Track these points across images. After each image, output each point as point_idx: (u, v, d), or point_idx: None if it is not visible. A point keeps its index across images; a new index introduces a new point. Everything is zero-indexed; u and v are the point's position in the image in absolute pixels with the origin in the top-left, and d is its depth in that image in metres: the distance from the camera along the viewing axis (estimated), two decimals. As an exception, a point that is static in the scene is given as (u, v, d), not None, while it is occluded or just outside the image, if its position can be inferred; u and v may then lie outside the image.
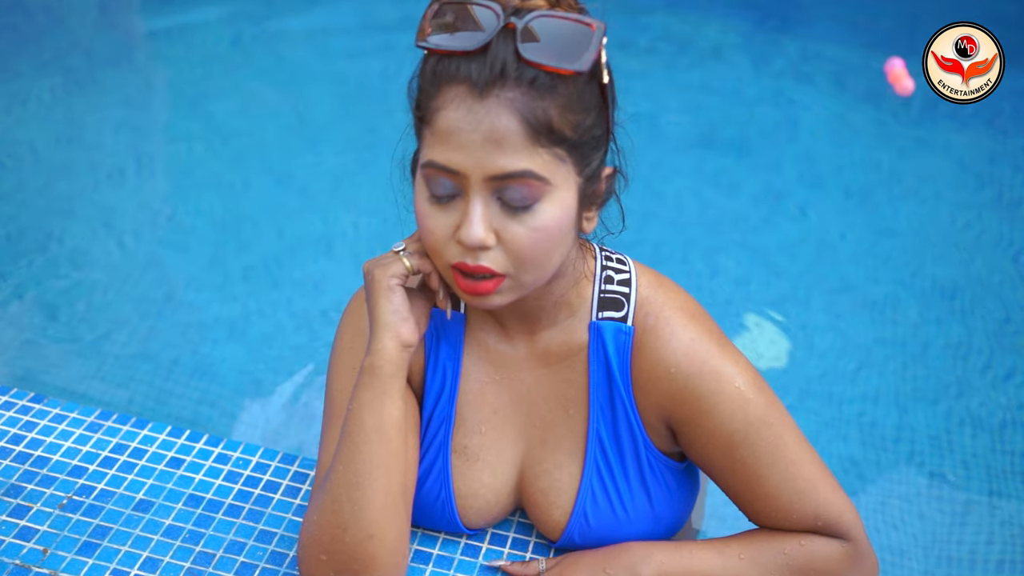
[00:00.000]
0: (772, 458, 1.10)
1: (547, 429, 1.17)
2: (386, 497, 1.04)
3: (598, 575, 1.13)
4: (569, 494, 1.16)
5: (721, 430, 1.09)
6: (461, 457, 1.18)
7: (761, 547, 1.12)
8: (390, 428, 1.05)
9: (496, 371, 1.18)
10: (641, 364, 1.12)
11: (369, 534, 1.03)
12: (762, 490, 1.11)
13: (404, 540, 1.07)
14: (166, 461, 1.35)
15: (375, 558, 1.03)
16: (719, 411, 1.09)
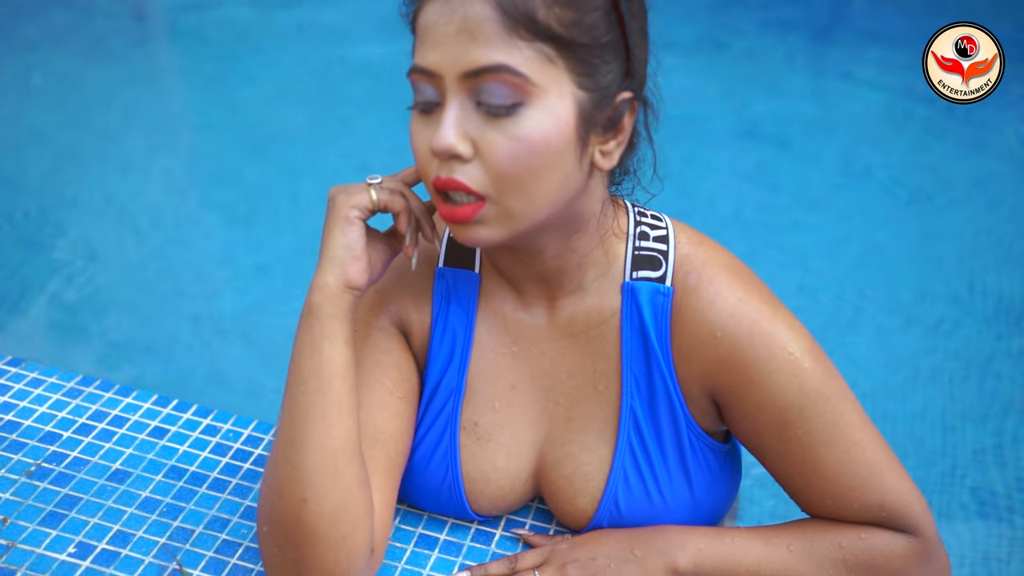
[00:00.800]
0: (830, 437, 0.95)
1: (572, 407, 1.03)
2: (323, 454, 0.89)
3: (625, 556, 0.99)
4: (598, 479, 1.02)
5: (773, 403, 0.95)
6: (471, 436, 1.05)
7: (814, 538, 0.98)
8: (329, 376, 0.90)
9: (513, 341, 1.05)
10: (682, 329, 0.98)
11: (302, 498, 0.89)
12: (818, 475, 0.97)
13: (356, 512, 0.91)
14: (149, 431, 1.22)
15: (310, 527, 0.88)
16: (771, 381, 0.95)
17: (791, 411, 0.95)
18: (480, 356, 1.05)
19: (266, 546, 0.91)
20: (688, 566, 0.97)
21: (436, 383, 1.05)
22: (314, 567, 0.89)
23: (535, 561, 1.01)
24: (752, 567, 0.97)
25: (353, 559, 0.91)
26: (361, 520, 0.91)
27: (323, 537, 0.89)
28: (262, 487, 0.92)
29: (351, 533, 0.90)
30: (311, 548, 0.89)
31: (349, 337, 0.92)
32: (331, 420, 0.90)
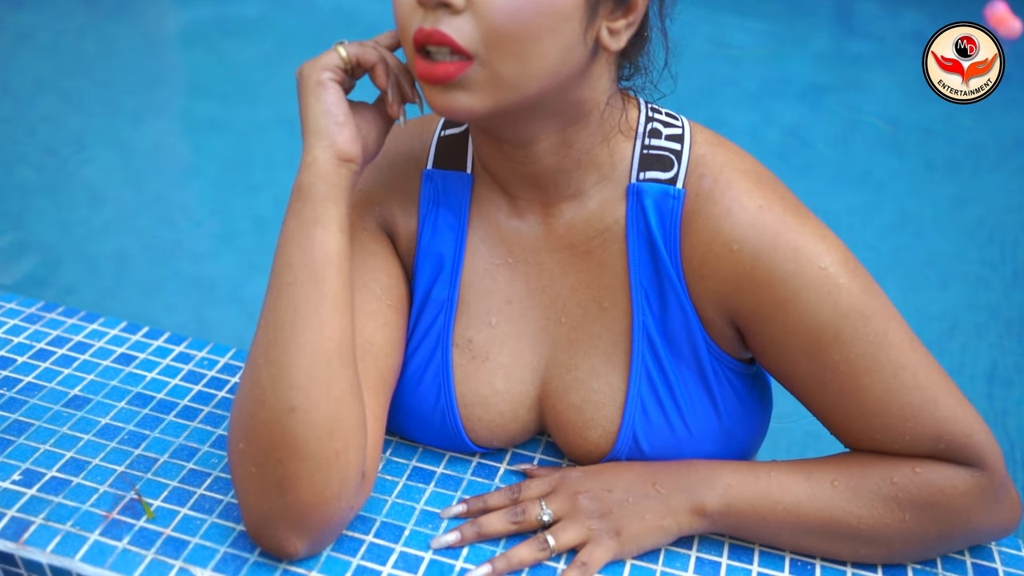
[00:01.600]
0: (874, 362, 0.82)
1: (576, 328, 0.91)
2: (314, 356, 0.77)
3: (645, 491, 0.86)
4: (611, 408, 0.89)
5: (803, 327, 0.82)
6: (465, 354, 0.92)
7: (862, 473, 0.85)
8: (323, 265, 0.78)
9: (508, 252, 0.92)
10: (694, 239, 0.85)
11: (290, 406, 0.76)
12: (862, 406, 0.83)
13: (350, 424, 0.79)
14: (114, 357, 1.09)
15: (299, 440, 0.76)
16: (800, 300, 0.82)
17: (825, 334, 0.82)
18: (473, 266, 0.92)
19: (241, 465, 0.78)
20: (717, 505, 0.84)
21: (425, 294, 0.93)
22: (301, 487, 0.77)
23: (541, 491, 0.88)
24: (790, 505, 0.84)
25: (345, 480, 0.78)
26: (355, 434, 0.79)
27: (313, 452, 0.76)
28: (238, 396, 0.80)
29: (344, 449, 0.78)
30: (298, 465, 0.76)
31: (345, 223, 0.80)
32: (324, 316, 0.78)
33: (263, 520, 0.78)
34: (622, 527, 0.84)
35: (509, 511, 0.86)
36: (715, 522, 0.85)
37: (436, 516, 0.89)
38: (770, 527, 0.85)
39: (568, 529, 0.84)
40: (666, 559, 0.86)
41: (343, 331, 0.79)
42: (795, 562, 0.86)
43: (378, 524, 0.88)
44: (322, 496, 0.78)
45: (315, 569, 0.82)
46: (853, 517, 0.83)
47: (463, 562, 0.84)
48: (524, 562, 0.83)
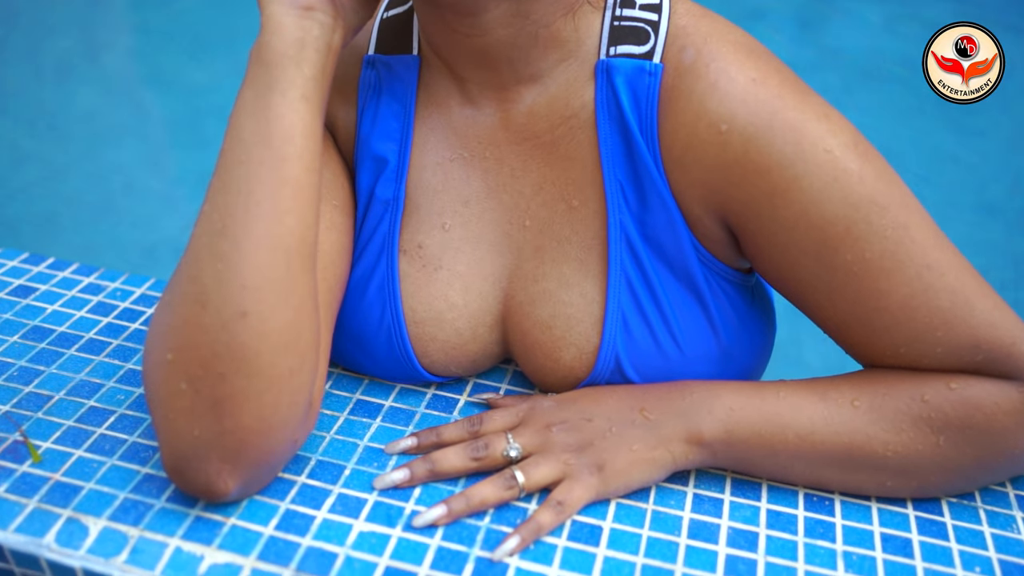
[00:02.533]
0: (894, 261, 0.68)
1: (543, 232, 0.76)
2: (273, 253, 0.63)
3: (631, 418, 0.72)
4: (587, 324, 0.75)
5: (807, 221, 0.68)
6: (415, 261, 0.78)
7: (888, 391, 0.71)
8: (282, 141, 0.64)
9: (463, 145, 0.78)
10: (675, 122, 0.70)
11: (242, 310, 0.62)
12: (883, 315, 0.70)
13: (308, 339, 0.66)
14: (10, 289, 0.94)
15: (249, 352, 0.62)
16: (802, 190, 0.67)
17: (834, 230, 0.68)
18: (422, 161, 0.78)
19: (167, 381, 0.63)
20: (717, 433, 0.70)
21: (368, 193, 0.79)
22: (244, 410, 0.62)
23: (507, 422, 0.74)
24: (803, 430, 0.70)
25: (295, 405, 0.65)
26: (310, 352, 0.66)
27: (264, 368, 0.62)
28: (167, 299, 0.65)
29: (299, 368, 0.64)
30: (244, 383, 0.62)
31: (312, 91, 0.66)
32: (284, 204, 0.64)
33: (190, 450, 0.64)
34: (605, 461, 0.70)
35: (469, 445, 0.72)
36: (715, 453, 0.71)
37: (383, 455, 0.74)
38: (780, 458, 0.71)
39: (540, 464, 0.70)
40: (658, 497, 0.72)
41: (306, 226, 0.65)
42: (811, 498, 0.73)
43: (313, 463, 0.73)
44: (268, 422, 0.64)
45: (234, 515, 0.68)
46: (878, 443, 0.70)
47: (414, 504, 0.70)
48: (487, 502, 0.69)
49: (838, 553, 0.68)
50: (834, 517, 0.71)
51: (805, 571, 0.66)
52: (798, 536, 0.69)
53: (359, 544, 0.66)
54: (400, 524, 0.68)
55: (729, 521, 0.70)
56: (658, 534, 0.69)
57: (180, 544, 0.65)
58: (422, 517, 0.67)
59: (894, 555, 0.68)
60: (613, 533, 0.68)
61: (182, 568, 0.63)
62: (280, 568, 0.64)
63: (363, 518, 0.68)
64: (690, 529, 0.69)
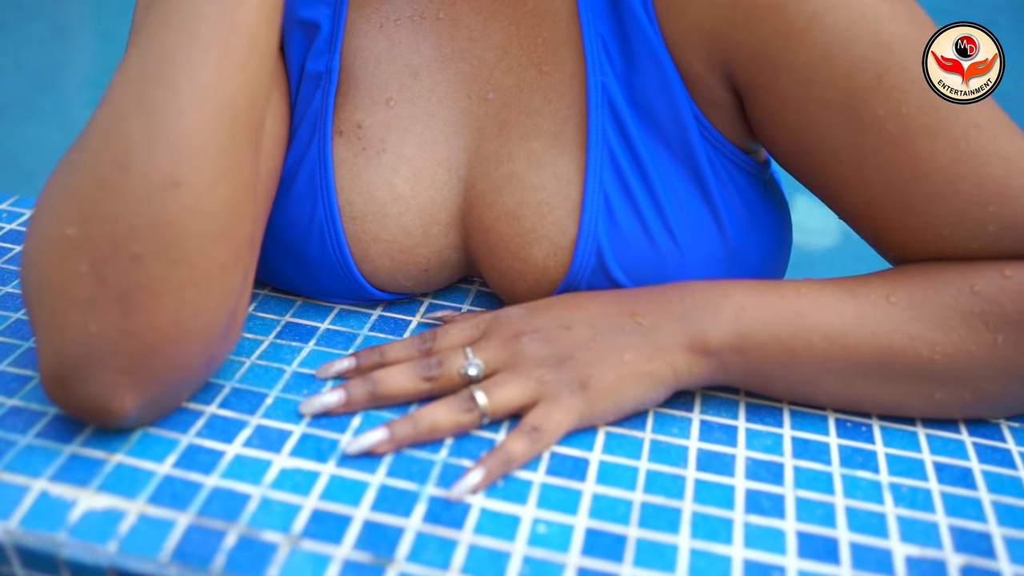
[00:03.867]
0: (936, 117, 0.55)
1: (509, 104, 0.63)
2: (219, 113, 0.49)
3: (620, 324, 0.58)
4: (562, 211, 0.61)
5: (830, 66, 0.55)
6: (353, 144, 0.64)
7: (931, 284, 0.57)
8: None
9: (410, 5, 0.64)
10: None
11: (174, 178, 0.48)
12: (923, 183, 0.56)
13: (244, 230, 0.52)
14: None
15: (178, 231, 0.48)
16: (824, 27, 0.54)
17: (864, 76, 0.55)
18: (360, 26, 0.64)
19: (59, 262, 0.49)
20: (726, 337, 0.56)
21: (298, 69, 0.65)
22: (160, 306, 0.49)
23: (466, 336, 0.60)
24: (832, 331, 0.56)
25: (220, 310, 0.51)
26: (245, 248, 0.52)
27: (192, 255, 0.49)
28: (69, 157, 0.50)
29: (233, 264, 0.51)
30: (165, 271, 0.48)
31: None
32: (236, 55, 0.50)
33: (82, 353, 0.49)
34: (589, 376, 0.56)
35: (419, 363, 0.58)
36: (725, 364, 0.57)
37: (314, 380, 0.60)
38: (805, 368, 0.57)
39: (507, 383, 0.56)
40: (656, 424, 0.58)
41: (258, 87, 0.52)
42: (843, 423, 0.59)
43: (226, 391, 0.59)
44: (185, 326, 0.50)
45: (121, 451, 0.53)
46: (923, 344, 0.56)
47: (351, 435, 0.55)
48: (439, 427, 0.55)
49: (884, 485, 0.54)
50: (874, 444, 0.57)
51: (846, 506, 0.52)
52: (832, 466, 0.55)
53: (280, 483, 0.52)
54: (333, 459, 0.53)
55: (746, 451, 0.56)
56: (659, 466, 0.55)
57: (47, 487, 0.50)
58: (357, 442, 0.53)
59: (952, 486, 0.54)
60: (603, 466, 0.54)
61: (46, 516, 0.49)
62: (175, 513, 0.49)
63: (286, 452, 0.54)
64: (699, 460, 0.55)
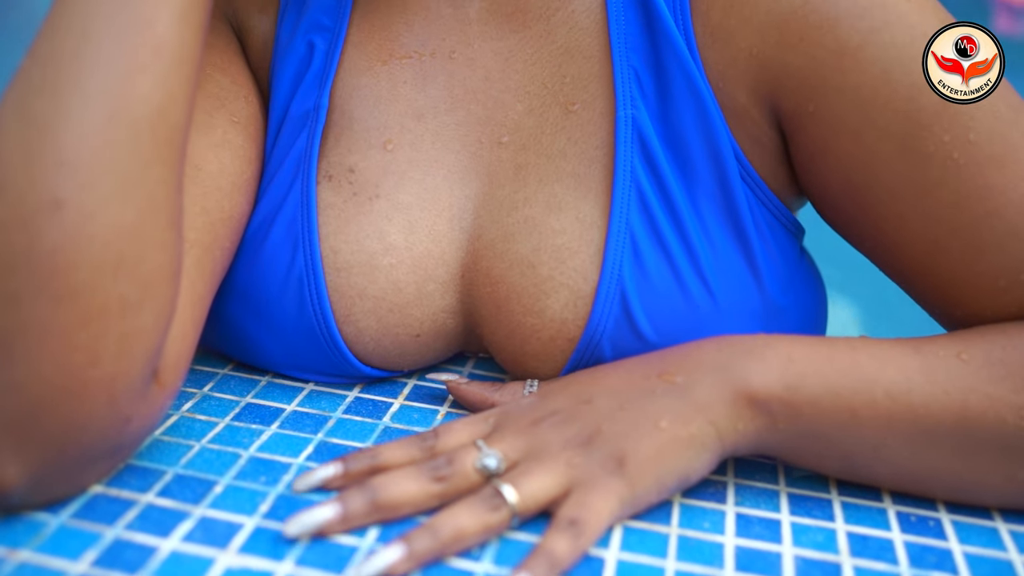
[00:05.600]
0: (1007, 146, 0.49)
1: (528, 147, 0.56)
2: (111, 122, 0.42)
3: (648, 387, 0.49)
4: (583, 256, 0.53)
5: (890, 91, 0.49)
6: (342, 189, 0.57)
7: (1007, 340, 0.49)
8: None
9: (420, 42, 0.58)
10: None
11: (55, 197, 0.40)
12: (995, 221, 0.49)
13: (159, 261, 0.44)
14: None
15: (63, 260, 0.40)
16: (883, 45, 0.49)
17: (925, 100, 0.49)
18: (359, 64, 0.58)
19: None
20: (774, 387, 0.47)
21: (284, 108, 0.59)
22: (45, 352, 0.41)
23: (474, 430, 0.50)
24: (896, 387, 0.47)
25: (127, 358, 0.43)
26: (161, 284, 0.44)
27: (82, 289, 0.41)
28: None
29: (139, 302, 0.42)
30: (48, 309, 0.40)
31: None
32: (136, 57, 0.43)
33: None
34: (624, 451, 0.46)
35: (424, 464, 0.48)
36: (774, 419, 0.47)
37: (276, 467, 0.50)
38: (867, 430, 0.47)
39: (535, 472, 0.46)
40: (684, 517, 0.48)
41: (169, 97, 0.44)
42: (906, 518, 0.49)
43: (167, 478, 0.49)
44: (81, 376, 0.41)
45: (28, 546, 0.43)
46: (1006, 407, 0.47)
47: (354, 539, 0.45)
48: (464, 532, 0.44)
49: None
50: (947, 541, 0.48)
51: (924, 615, 0.42)
52: (900, 567, 0.45)
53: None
54: (291, 557, 0.43)
55: (794, 548, 0.46)
56: (690, 566, 0.45)
57: (-70, 590, 0.40)
58: (370, 564, 0.42)
59: (1050, 592, 0.44)
60: (621, 568, 0.44)
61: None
62: (86, 623, 0.39)
63: (234, 549, 0.44)
64: (738, 559, 0.45)
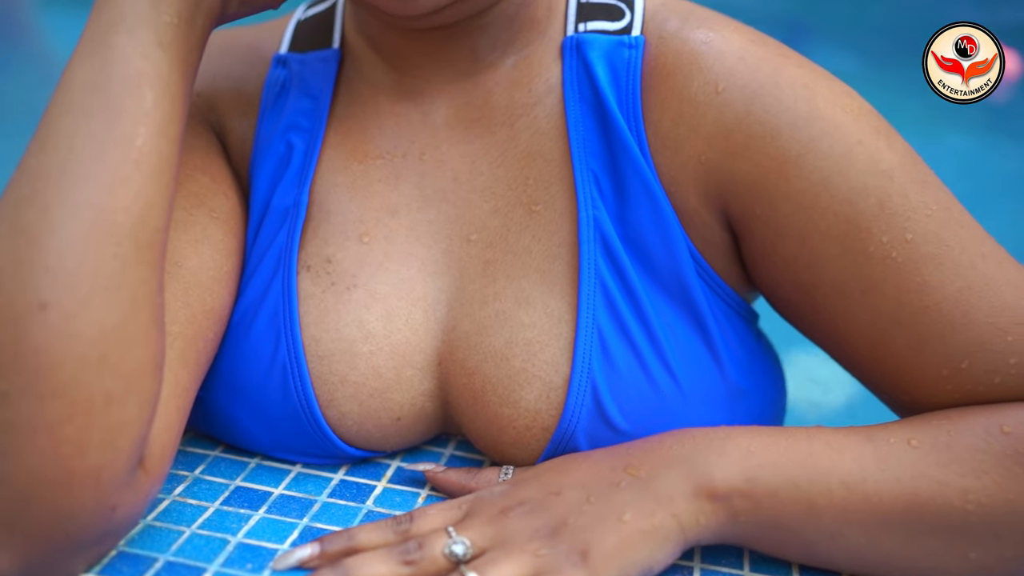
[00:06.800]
0: (941, 246, 0.53)
1: (494, 245, 0.59)
2: (93, 229, 0.45)
3: (614, 479, 0.52)
4: (554, 349, 0.56)
5: (831, 195, 0.53)
6: (320, 279, 0.60)
7: (955, 426, 0.52)
8: (124, 90, 0.48)
9: (393, 144, 0.62)
10: (663, 91, 0.57)
11: (40, 300, 0.44)
12: (933, 314, 0.52)
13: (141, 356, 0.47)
14: None
15: (48, 359, 0.43)
16: (822, 154, 0.53)
17: (864, 204, 0.53)
18: (336, 163, 0.62)
19: None
20: (734, 480, 0.50)
21: (265, 202, 0.62)
22: (32, 447, 0.44)
23: (447, 518, 0.52)
24: (851, 477, 0.50)
25: (112, 449, 0.45)
26: (144, 378, 0.47)
27: (67, 386, 0.44)
28: None
29: (123, 396, 0.45)
30: (35, 406, 0.43)
31: (171, 41, 0.50)
32: (117, 170, 0.47)
33: None
34: (588, 543, 0.49)
35: (395, 548, 0.50)
36: (735, 512, 0.50)
37: (263, 553, 0.53)
38: (824, 518, 0.50)
39: (501, 562, 0.48)
40: (652, 606, 0.50)
41: (148, 205, 0.48)
42: (867, 604, 0.51)
43: (158, 565, 0.51)
44: (66, 468, 0.44)
45: (23, 638, 0.45)
46: (954, 491, 0.50)
47: (298, 618, 0.48)
48: None
49: None
50: (905, 629, 0.49)
51: None
52: (859, 657, 0.47)
53: (206, 677, 0.44)
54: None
55: (757, 636, 0.48)
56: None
57: None
58: None
59: None
60: (590, 656, 0.46)
61: None
62: None
63: (219, 639, 0.46)
64: (702, 649, 0.47)
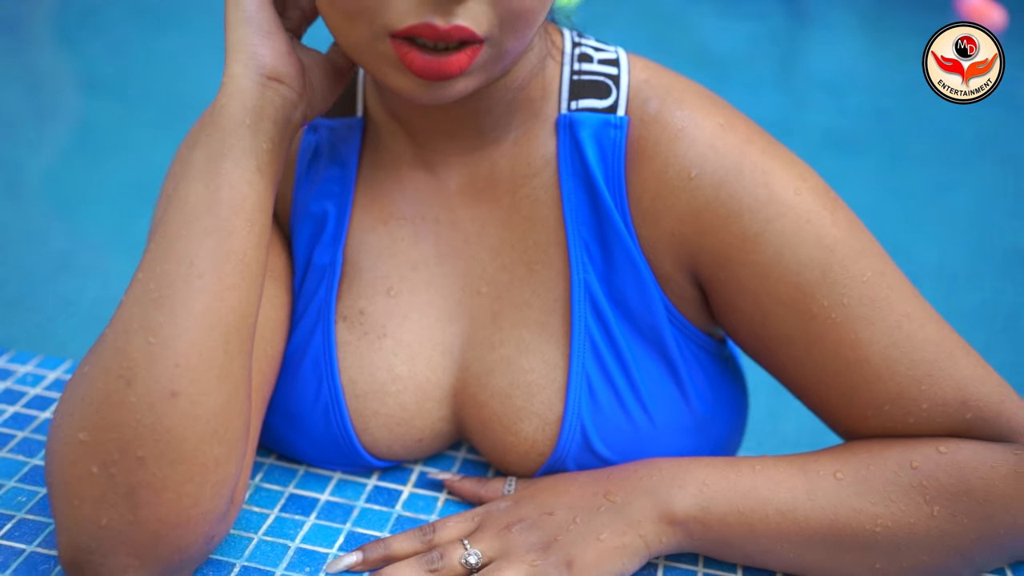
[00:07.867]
0: (872, 309, 0.64)
1: (501, 298, 0.71)
2: (211, 332, 0.57)
3: (596, 503, 0.65)
4: (549, 391, 0.69)
5: (780, 266, 0.64)
6: (355, 328, 0.72)
7: (873, 460, 0.65)
8: (232, 213, 0.59)
9: (413, 209, 0.73)
10: (643, 172, 0.68)
11: (172, 390, 0.56)
12: (863, 368, 0.64)
13: (238, 426, 0.59)
14: (-93, 378, 0.85)
15: (176, 436, 0.56)
16: (775, 232, 0.64)
17: (809, 274, 0.64)
18: (365, 224, 0.73)
19: (76, 463, 0.56)
20: (690, 510, 0.64)
21: (305, 262, 0.73)
22: (162, 500, 0.56)
23: (463, 529, 0.67)
24: (785, 506, 0.64)
25: (217, 498, 0.58)
26: (239, 442, 0.60)
27: (189, 455, 0.56)
28: (84, 372, 0.58)
29: (226, 458, 0.58)
30: (167, 470, 0.56)
31: (268, 163, 0.61)
32: (228, 280, 0.58)
33: (95, 542, 0.56)
34: (573, 556, 0.63)
35: (422, 557, 0.64)
36: (690, 533, 0.64)
37: (317, 557, 0.66)
38: (761, 539, 0.64)
39: (503, 570, 0.62)
40: (626, 596, 0.64)
41: (248, 304, 0.59)
42: (795, 590, 0.65)
43: (236, 570, 0.65)
44: (186, 515, 0.57)
45: (142, 638, 0.59)
46: (866, 517, 0.63)
47: (351, 616, 0.61)
48: None
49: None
50: (823, 612, 0.64)
51: None
52: (784, 637, 0.62)
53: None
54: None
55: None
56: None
57: (77, 676, 0.56)
58: None
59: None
60: (577, 641, 0.60)
61: None
62: None
63: (292, 635, 0.60)
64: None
